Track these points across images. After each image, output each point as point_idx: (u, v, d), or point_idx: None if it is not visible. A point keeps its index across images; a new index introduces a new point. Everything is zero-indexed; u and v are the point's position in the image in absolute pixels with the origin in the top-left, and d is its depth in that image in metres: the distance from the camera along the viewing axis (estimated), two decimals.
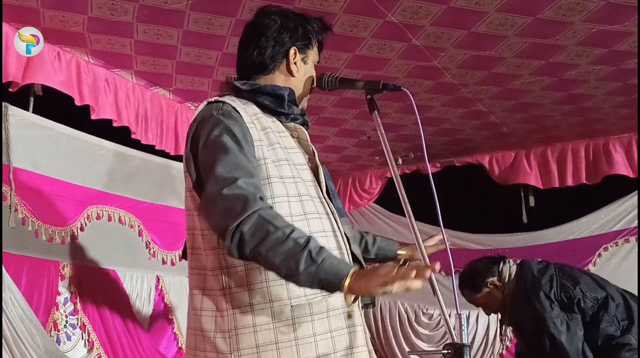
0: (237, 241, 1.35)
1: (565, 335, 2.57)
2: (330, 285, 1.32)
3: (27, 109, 2.90)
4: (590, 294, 2.66)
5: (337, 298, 1.51)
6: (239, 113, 1.51)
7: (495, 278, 2.80)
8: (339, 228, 1.60)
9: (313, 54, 1.71)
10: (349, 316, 1.54)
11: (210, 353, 1.51)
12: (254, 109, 1.58)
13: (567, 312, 2.63)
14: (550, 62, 3.24)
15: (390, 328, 4.89)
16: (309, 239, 1.34)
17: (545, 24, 2.83)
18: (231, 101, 1.54)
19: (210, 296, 1.52)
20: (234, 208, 1.36)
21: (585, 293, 2.66)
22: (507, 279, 2.76)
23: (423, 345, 4.76)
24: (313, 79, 1.71)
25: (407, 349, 4.76)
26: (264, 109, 1.60)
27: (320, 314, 1.49)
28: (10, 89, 2.77)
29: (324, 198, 1.62)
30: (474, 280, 2.82)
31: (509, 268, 2.79)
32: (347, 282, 1.29)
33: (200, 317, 1.54)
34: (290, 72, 1.66)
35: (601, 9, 2.70)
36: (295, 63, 1.65)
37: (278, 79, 1.65)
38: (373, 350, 1.60)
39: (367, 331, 1.61)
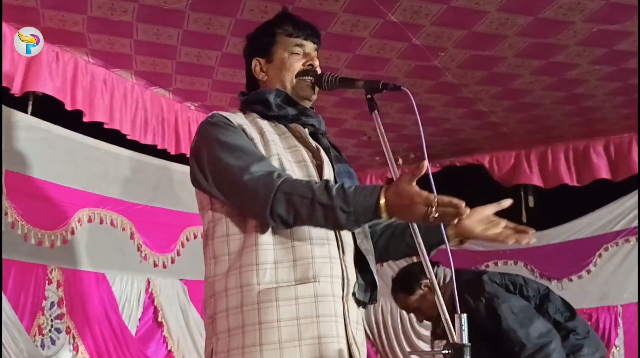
0: (280, 222, 1.48)
1: (518, 308, 2.58)
2: (373, 216, 1.43)
3: (24, 111, 2.87)
4: (532, 284, 2.77)
5: (309, 287, 1.52)
6: (228, 119, 1.62)
7: (429, 281, 2.79)
8: None
9: (280, 48, 1.76)
10: (325, 306, 1.53)
11: (207, 341, 1.62)
12: (252, 116, 1.70)
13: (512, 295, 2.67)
14: (551, 62, 3.23)
15: (391, 328, 4.87)
16: (331, 197, 1.42)
17: (546, 24, 2.83)
18: (225, 112, 1.66)
19: (206, 286, 1.64)
20: (258, 193, 1.47)
21: (527, 282, 2.77)
22: (441, 282, 2.72)
23: (424, 346, 4.74)
24: (304, 70, 1.73)
25: (408, 349, 4.75)
26: (260, 115, 1.70)
27: (287, 300, 1.51)
28: (16, 95, 2.76)
29: None
30: (407, 282, 2.79)
31: (444, 271, 2.74)
32: (382, 207, 1.40)
33: (205, 308, 1.64)
34: (259, 79, 1.78)
35: (601, 8, 2.70)
36: (262, 69, 1.77)
37: (262, 86, 1.78)
38: (359, 343, 1.57)
39: (354, 325, 1.57)
